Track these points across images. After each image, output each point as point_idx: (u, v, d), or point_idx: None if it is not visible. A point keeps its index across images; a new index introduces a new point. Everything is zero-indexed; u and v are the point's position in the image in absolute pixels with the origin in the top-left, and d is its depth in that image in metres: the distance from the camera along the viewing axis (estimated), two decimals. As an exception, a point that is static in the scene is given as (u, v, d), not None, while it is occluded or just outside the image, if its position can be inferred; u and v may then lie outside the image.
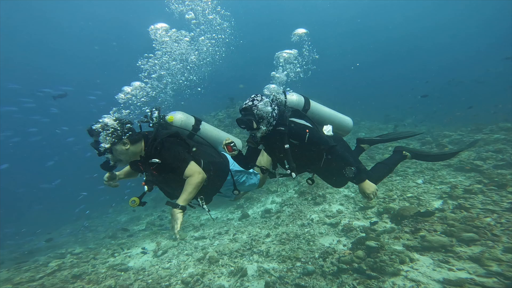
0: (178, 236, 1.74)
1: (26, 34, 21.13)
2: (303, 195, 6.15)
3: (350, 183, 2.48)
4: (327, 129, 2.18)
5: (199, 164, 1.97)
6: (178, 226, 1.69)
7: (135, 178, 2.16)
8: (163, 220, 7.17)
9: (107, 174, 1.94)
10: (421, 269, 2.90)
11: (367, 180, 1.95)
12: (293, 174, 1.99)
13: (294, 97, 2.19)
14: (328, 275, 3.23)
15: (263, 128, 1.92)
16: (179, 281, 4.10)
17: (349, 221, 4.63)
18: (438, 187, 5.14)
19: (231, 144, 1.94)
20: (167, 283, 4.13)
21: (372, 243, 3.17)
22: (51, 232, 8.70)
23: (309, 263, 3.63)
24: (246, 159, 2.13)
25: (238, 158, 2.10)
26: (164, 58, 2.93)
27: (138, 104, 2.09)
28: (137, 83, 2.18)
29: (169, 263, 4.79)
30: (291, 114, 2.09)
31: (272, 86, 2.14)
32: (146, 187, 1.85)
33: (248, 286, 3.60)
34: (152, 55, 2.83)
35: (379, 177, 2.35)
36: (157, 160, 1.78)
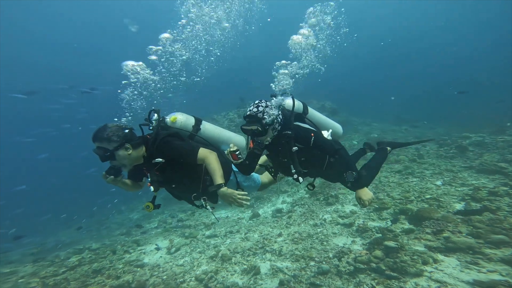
0: (248, 204, 1.80)
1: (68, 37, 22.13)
2: (314, 195, 6.08)
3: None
4: (326, 134, 2.19)
5: (200, 165, 1.95)
6: (241, 198, 1.77)
7: (136, 191, 2.10)
8: (174, 218, 7.29)
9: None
10: (446, 270, 2.79)
11: (365, 188, 1.93)
12: (300, 179, 1.99)
13: (295, 101, 2.19)
14: (344, 275, 3.16)
15: (270, 133, 1.91)
16: (193, 278, 4.15)
17: (363, 221, 4.53)
18: (459, 189, 4.93)
19: (236, 152, 1.90)
20: (182, 279, 4.19)
21: (391, 243, 3.08)
22: (84, 220, 8.98)
23: (324, 262, 3.57)
24: (250, 165, 2.11)
25: (240, 164, 2.07)
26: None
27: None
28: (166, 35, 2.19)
29: (182, 260, 4.86)
30: (295, 118, 2.09)
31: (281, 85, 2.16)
32: (152, 188, 1.84)
33: (262, 284, 3.58)
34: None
35: (371, 178, 2.35)
36: (161, 159, 1.78)
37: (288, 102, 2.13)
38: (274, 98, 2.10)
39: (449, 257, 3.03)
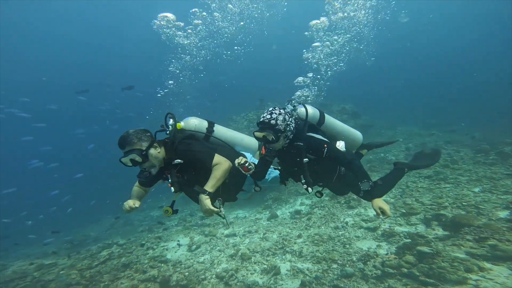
0: (212, 215, 1.77)
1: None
2: (335, 198, 5.89)
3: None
4: (340, 145, 2.14)
5: None
6: (211, 211, 1.76)
7: (144, 197, 2.13)
8: (193, 217, 7.48)
9: (130, 205, 1.87)
10: (497, 279, 2.56)
11: (381, 198, 1.87)
12: (309, 190, 1.97)
13: (309, 110, 2.17)
14: (371, 279, 3.00)
15: (282, 141, 1.91)
16: (214, 276, 4.21)
17: (390, 226, 4.28)
18: (502, 196, 4.48)
19: (246, 164, 1.91)
20: (203, 276, 4.27)
21: (424, 249, 2.89)
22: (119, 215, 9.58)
23: (347, 265, 3.43)
24: (262, 172, 2.13)
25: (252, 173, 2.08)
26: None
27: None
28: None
29: (203, 258, 4.96)
30: (308, 128, 2.07)
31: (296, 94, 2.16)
32: (172, 189, 1.86)
33: (282, 284, 3.52)
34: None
35: (385, 191, 2.31)
36: (180, 160, 1.81)
37: (303, 111, 2.11)
38: (290, 104, 2.11)
39: (498, 266, 2.76)
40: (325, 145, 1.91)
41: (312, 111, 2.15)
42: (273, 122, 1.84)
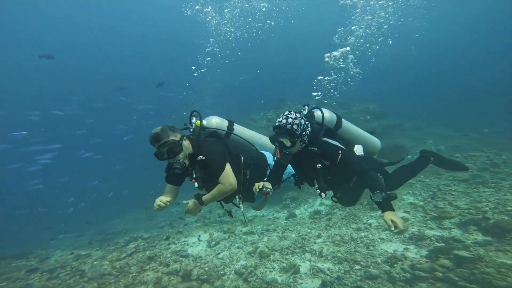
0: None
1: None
2: (357, 200, 5.64)
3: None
4: (358, 150, 2.07)
5: (239, 160, 2.04)
6: (190, 211, 1.91)
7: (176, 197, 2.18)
8: (212, 214, 7.64)
9: (162, 200, 1.90)
10: None
11: (394, 211, 1.73)
12: (323, 195, 1.93)
13: (326, 114, 2.12)
14: (398, 281, 2.82)
15: (298, 145, 1.89)
16: (233, 272, 4.26)
17: (419, 229, 4.00)
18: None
19: (263, 189, 1.92)
20: (222, 272, 4.34)
21: (463, 253, 2.67)
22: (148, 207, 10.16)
23: (371, 267, 3.26)
24: (277, 177, 2.14)
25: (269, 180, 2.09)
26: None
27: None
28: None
29: (222, 254, 5.04)
30: (324, 133, 2.02)
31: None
32: (196, 184, 1.90)
33: (302, 283, 3.46)
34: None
35: (401, 181, 2.25)
36: (202, 157, 1.86)
37: (319, 114, 2.08)
38: (306, 107, 2.09)
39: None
40: (340, 151, 1.86)
41: (329, 115, 2.10)
42: (289, 127, 1.82)
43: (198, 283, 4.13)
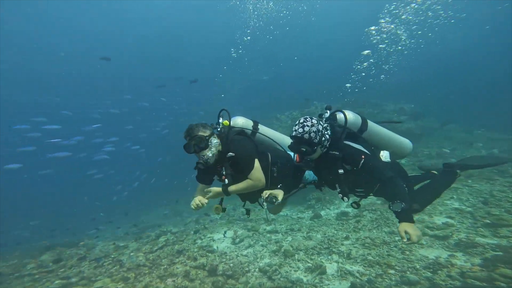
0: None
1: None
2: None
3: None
4: (384, 155, 1.94)
5: (266, 158, 2.05)
6: (205, 197, 1.86)
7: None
8: (236, 211, 7.78)
9: (200, 200, 1.94)
10: None
11: (413, 223, 1.61)
12: (345, 199, 1.86)
13: (349, 116, 2.01)
14: (443, 289, 2.55)
15: (318, 151, 1.84)
16: (257, 269, 4.29)
17: (467, 236, 3.58)
18: None
19: (268, 199, 1.89)
20: (247, 269, 4.39)
21: None
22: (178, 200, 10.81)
23: (408, 272, 3.01)
24: (297, 181, 2.10)
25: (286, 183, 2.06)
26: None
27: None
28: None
29: (246, 251, 5.11)
30: (346, 136, 1.93)
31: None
32: (226, 180, 1.93)
33: (329, 284, 3.34)
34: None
35: (426, 201, 2.08)
36: (232, 154, 1.89)
37: (342, 117, 2.00)
38: (328, 111, 2.03)
39: None
40: (363, 156, 1.77)
41: (352, 117, 2.01)
42: (306, 136, 1.78)
43: (224, 278, 4.24)
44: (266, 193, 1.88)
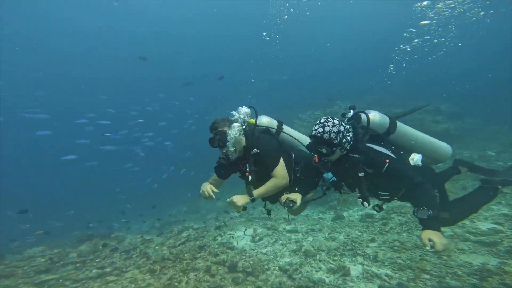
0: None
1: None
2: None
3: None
4: (416, 158, 1.79)
5: (290, 157, 2.04)
6: (236, 205, 1.82)
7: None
8: (255, 210, 7.78)
9: (210, 190, 1.93)
10: None
11: (439, 232, 1.48)
12: (365, 204, 1.75)
13: (374, 117, 1.88)
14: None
15: (338, 153, 1.75)
16: (277, 268, 4.23)
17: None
18: None
19: (286, 204, 1.88)
20: (267, 267, 4.35)
21: None
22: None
23: (447, 278, 2.73)
24: (314, 183, 2.03)
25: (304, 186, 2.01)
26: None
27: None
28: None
29: (265, 249, 5.07)
30: (369, 138, 1.82)
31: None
32: (250, 177, 1.92)
33: (353, 286, 3.16)
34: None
35: (461, 215, 1.92)
36: (257, 150, 1.89)
37: (365, 118, 1.89)
38: (351, 111, 1.95)
39: None
40: (387, 160, 1.66)
41: (378, 118, 1.89)
42: (326, 136, 1.71)
43: (244, 275, 4.25)
44: (284, 198, 1.87)
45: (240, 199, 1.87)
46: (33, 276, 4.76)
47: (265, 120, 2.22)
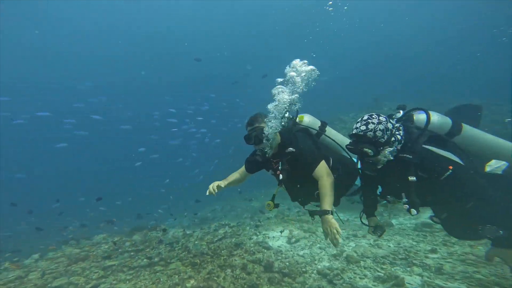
0: (339, 243, 1.71)
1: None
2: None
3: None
4: (496, 165, 1.50)
5: (328, 162, 1.90)
6: (338, 232, 1.69)
7: (236, 185, 2.26)
8: (291, 211, 7.53)
9: (216, 186, 1.98)
10: None
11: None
12: (413, 211, 1.51)
13: (433, 118, 1.65)
14: None
15: (386, 154, 1.54)
16: (315, 271, 3.98)
17: None
18: None
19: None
20: (304, 269, 4.15)
21: None
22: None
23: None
24: (371, 189, 1.89)
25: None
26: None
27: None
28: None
29: (302, 252, 4.85)
30: (428, 139, 1.59)
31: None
32: (281, 176, 1.88)
33: (411, 300, 2.73)
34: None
35: None
36: (292, 149, 1.83)
37: (421, 118, 1.68)
38: (401, 111, 1.76)
39: None
40: (450, 167, 1.42)
41: (438, 119, 1.68)
42: (370, 134, 1.53)
43: (280, 276, 4.12)
44: (372, 224, 1.89)
45: (333, 223, 1.76)
46: (100, 261, 5.52)
47: (307, 119, 2.13)
